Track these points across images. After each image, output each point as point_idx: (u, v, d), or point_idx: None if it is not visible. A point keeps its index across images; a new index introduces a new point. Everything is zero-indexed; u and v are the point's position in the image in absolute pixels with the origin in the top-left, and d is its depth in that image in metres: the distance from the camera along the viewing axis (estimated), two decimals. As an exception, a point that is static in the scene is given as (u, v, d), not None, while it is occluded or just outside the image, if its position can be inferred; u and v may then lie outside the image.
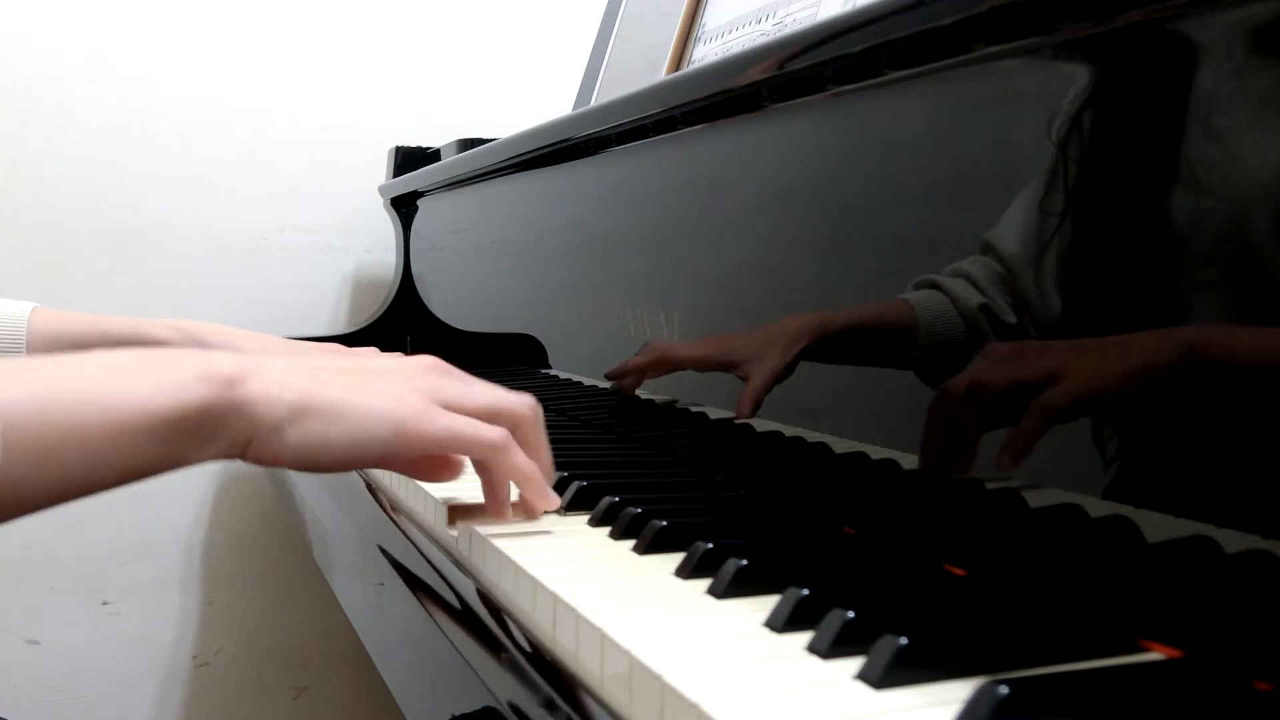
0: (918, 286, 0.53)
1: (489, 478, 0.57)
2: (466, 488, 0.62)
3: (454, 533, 0.61)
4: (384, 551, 0.69)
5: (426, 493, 0.66)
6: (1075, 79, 0.45)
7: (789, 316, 0.64)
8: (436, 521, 0.64)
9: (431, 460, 0.57)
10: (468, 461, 0.58)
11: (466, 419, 0.53)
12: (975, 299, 0.49)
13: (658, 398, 0.82)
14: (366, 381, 0.52)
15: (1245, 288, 0.38)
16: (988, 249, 0.49)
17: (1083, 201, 0.45)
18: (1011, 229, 0.48)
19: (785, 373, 0.63)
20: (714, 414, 0.74)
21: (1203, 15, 0.39)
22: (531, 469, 0.55)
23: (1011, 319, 0.48)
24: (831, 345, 0.61)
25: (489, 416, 0.55)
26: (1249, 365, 0.38)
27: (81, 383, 0.44)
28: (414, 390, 0.53)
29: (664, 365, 0.79)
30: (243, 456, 0.49)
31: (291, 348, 0.90)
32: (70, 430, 0.43)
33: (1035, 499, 0.46)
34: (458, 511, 0.62)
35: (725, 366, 0.69)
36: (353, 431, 0.50)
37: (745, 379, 0.66)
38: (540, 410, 0.58)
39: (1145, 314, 0.42)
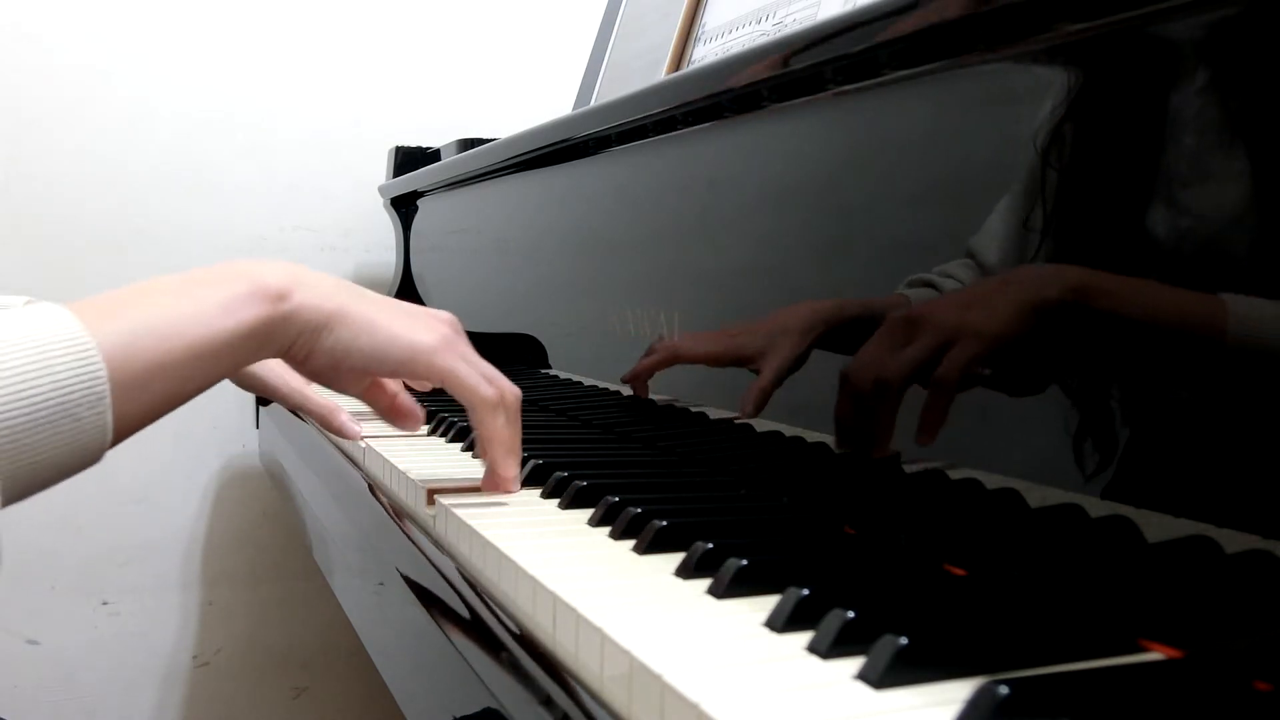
0: (910, 285, 0.54)
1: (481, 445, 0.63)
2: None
3: (454, 531, 0.61)
4: (382, 546, 0.69)
5: (416, 483, 0.66)
6: (1077, 79, 0.45)
7: (802, 304, 0.64)
8: (435, 521, 0.64)
9: (403, 406, 0.67)
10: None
11: (470, 372, 0.60)
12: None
13: (658, 398, 0.82)
14: (395, 311, 0.60)
15: (1234, 290, 0.38)
16: (970, 254, 0.50)
17: (1061, 207, 0.45)
18: (990, 236, 0.49)
19: (796, 364, 0.63)
20: (714, 414, 0.74)
21: (1205, 16, 0.39)
22: (505, 434, 0.61)
23: None
24: (839, 336, 0.61)
25: (486, 380, 0.61)
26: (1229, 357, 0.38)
27: (160, 316, 0.51)
28: (432, 330, 0.60)
29: (675, 363, 0.79)
30: (285, 356, 0.57)
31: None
32: (158, 361, 0.50)
33: (1035, 499, 0.46)
34: (441, 494, 0.64)
35: (737, 361, 0.70)
36: (377, 344, 0.58)
37: (756, 373, 0.66)
38: (519, 403, 0.63)
39: (1122, 321, 0.42)
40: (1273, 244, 0.37)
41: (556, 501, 0.64)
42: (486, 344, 1.23)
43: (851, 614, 0.38)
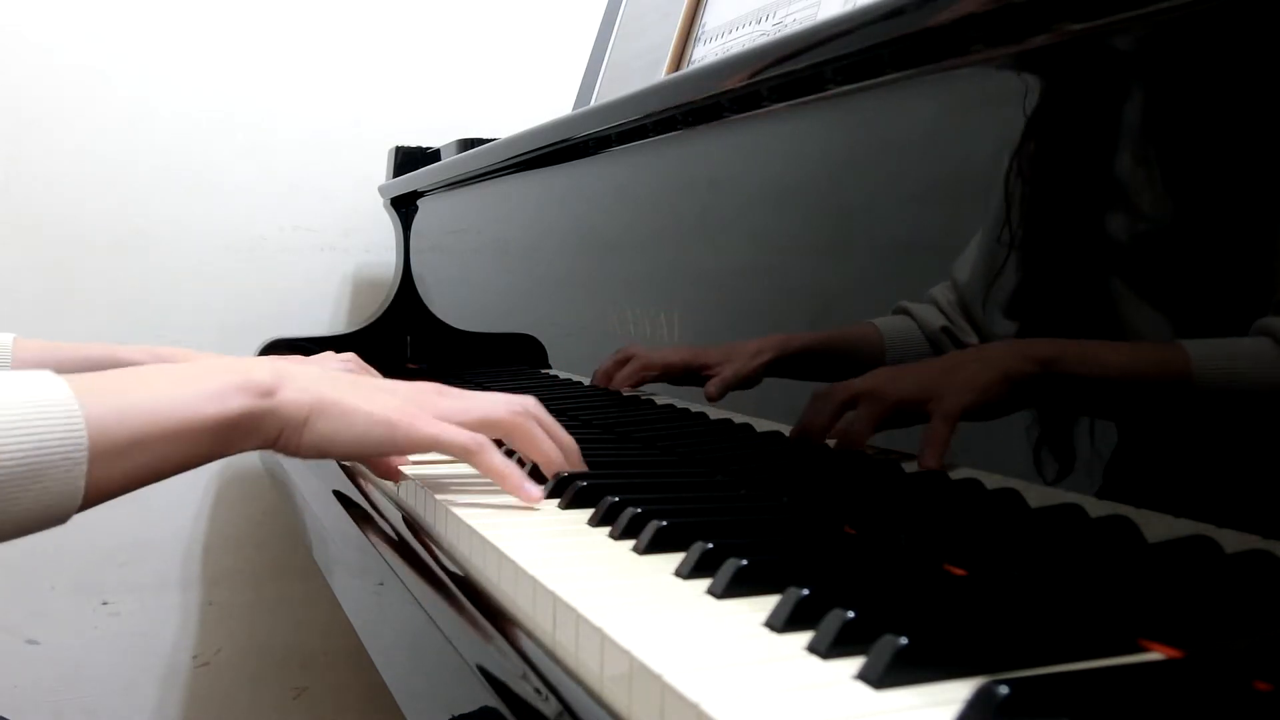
0: (895, 313, 0.55)
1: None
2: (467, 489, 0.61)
3: (454, 530, 0.61)
4: (381, 546, 0.69)
5: (414, 482, 0.66)
6: (1077, 79, 0.45)
7: (759, 340, 0.68)
8: (436, 521, 0.64)
9: (389, 465, 0.70)
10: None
11: (447, 427, 0.63)
12: (938, 321, 0.52)
13: (658, 398, 0.82)
14: (372, 393, 0.63)
15: (1234, 291, 0.38)
16: (950, 276, 0.51)
17: (1058, 210, 0.45)
18: (965, 257, 0.50)
19: (749, 379, 0.67)
20: (714, 414, 0.74)
21: (1207, 16, 0.39)
22: (507, 468, 0.63)
23: (973, 339, 0.50)
24: (800, 363, 0.63)
25: (479, 428, 0.64)
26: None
27: (150, 396, 0.54)
28: (410, 402, 0.64)
29: (645, 371, 0.81)
30: (273, 446, 0.60)
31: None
32: (141, 437, 0.53)
33: (1035, 499, 0.46)
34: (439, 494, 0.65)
35: (697, 369, 0.73)
36: (355, 430, 0.61)
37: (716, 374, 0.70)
38: (535, 412, 0.67)
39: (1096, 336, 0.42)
40: (1273, 246, 0.37)
41: (556, 501, 0.64)
42: (486, 344, 1.23)
43: (851, 614, 0.38)
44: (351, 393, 0.62)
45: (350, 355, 0.97)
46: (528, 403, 0.68)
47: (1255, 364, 0.37)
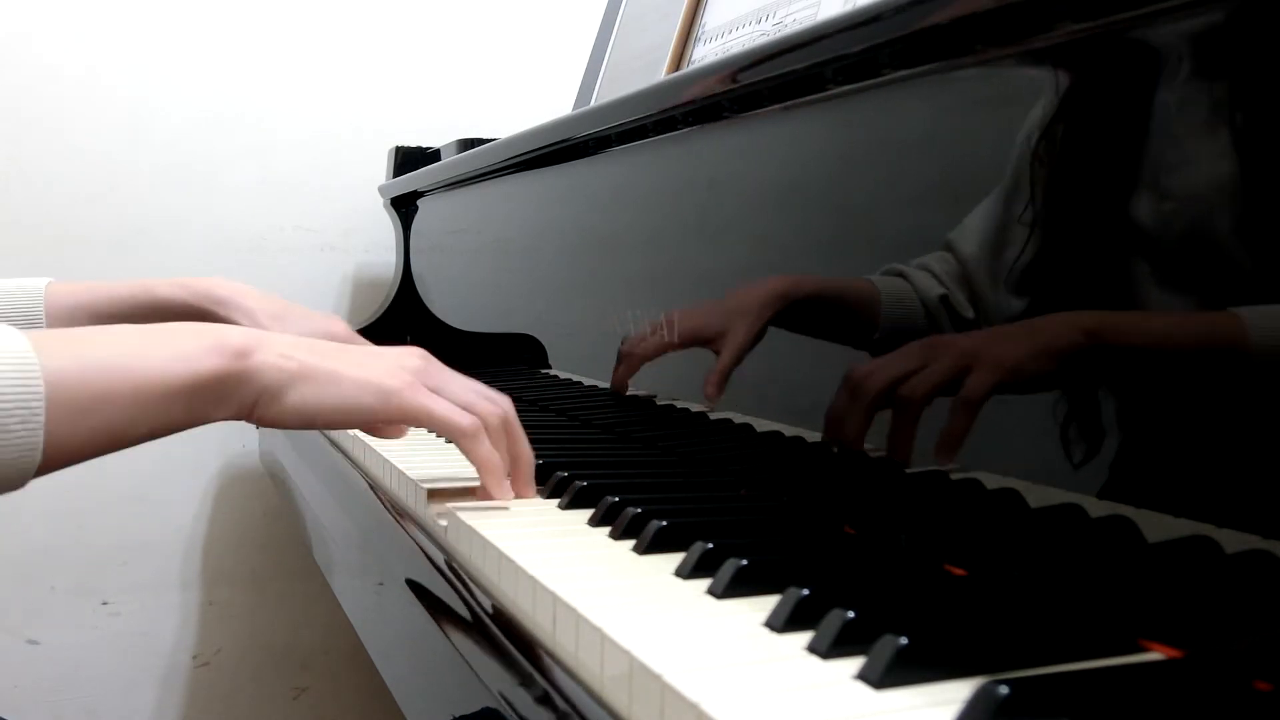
0: (884, 274, 0.54)
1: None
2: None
3: (454, 530, 0.61)
4: (381, 545, 0.69)
5: (415, 483, 0.66)
6: (1077, 78, 0.45)
7: (761, 280, 0.64)
8: (433, 517, 0.64)
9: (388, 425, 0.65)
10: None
11: (441, 401, 0.60)
12: (936, 290, 0.51)
13: (658, 398, 0.82)
14: (359, 359, 0.60)
15: (1235, 292, 0.38)
16: (948, 246, 0.50)
17: (1055, 205, 0.45)
18: (971, 230, 0.49)
19: (753, 342, 0.64)
20: (714, 414, 0.74)
21: (1208, 15, 0.39)
22: (493, 460, 0.61)
23: (970, 314, 0.49)
24: (798, 312, 0.61)
25: (462, 408, 0.61)
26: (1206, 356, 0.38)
27: (114, 353, 0.51)
28: (401, 369, 0.60)
29: (643, 361, 0.80)
30: (249, 417, 0.57)
31: (289, 308, 0.92)
32: (103, 393, 0.50)
33: (1035, 499, 0.46)
34: (440, 495, 0.65)
35: (697, 343, 0.70)
36: (344, 396, 0.58)
37: (717, 353, 0.67)
38: (509, 415, 0.63)
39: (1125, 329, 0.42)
40: (1273, 246, 0.37)
41: (556, 501, 0.64)
42: (486, 344, 1.23)
43: (851, 614, 0.38)
44: (337, 358, 0.59)
45: (422, 350, 0.89)
46: (505, 405, 0.64)
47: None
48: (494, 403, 0.63)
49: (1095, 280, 0.45)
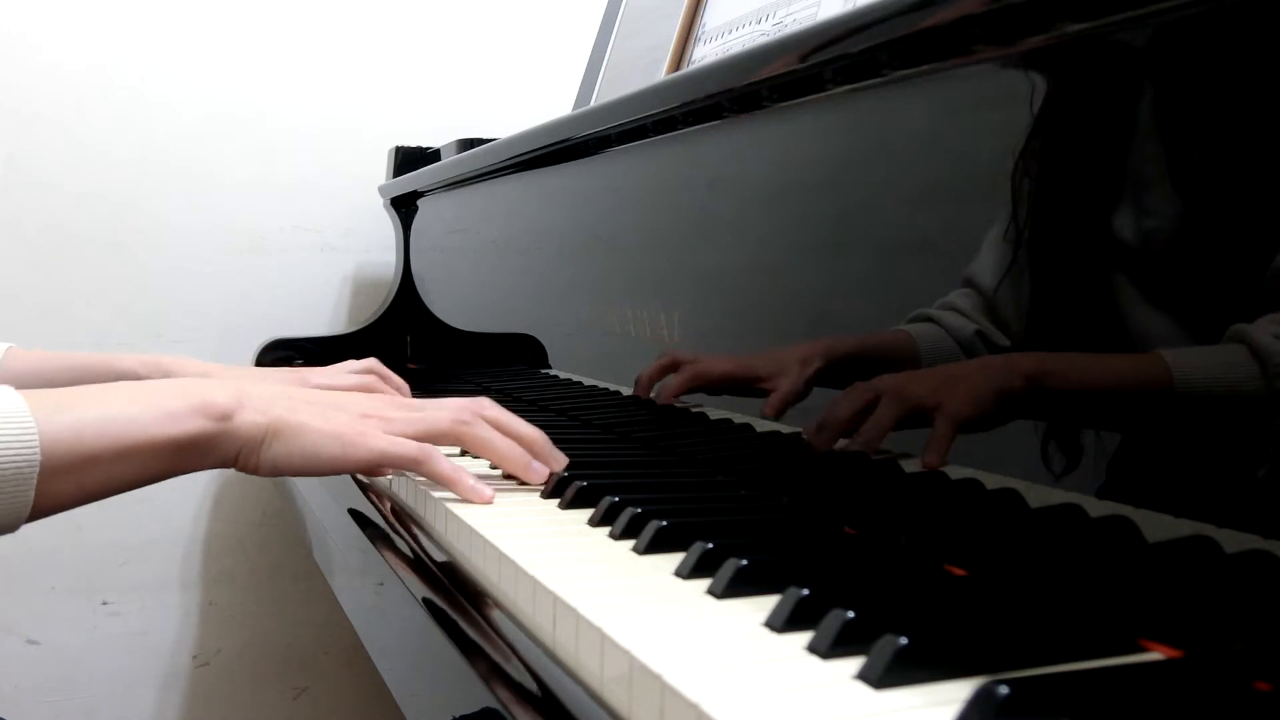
0: (911, 321, 0.54)
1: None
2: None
3: (454, 530, 0.61)
4: (381, 547, 0.69)
5: (418, 484, 0.66)
6: (1077, 78, 0.45)
7: (796, 345, 0.65)
8: (436, 521, 0.64)
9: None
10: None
11: (394, 440, 0.64)
12: (969, 327, 0.51)
13: (657, 398, 0.82)
14: (325, 410, 0.65)
15: (1236, 289, 0.38)
16: (968, 282, 0.51)
17: (1056, 213, 0.45)
18: (985, 262, 0.50)
19: (804, 391, 0.64)
20: (714, 414, 0.74)
21: (1206, 16, 0.39)
22: (455, 473, 0.64)
23: (1005, 342, 0.49)
24: (838, 371, 0.62)
25: (427, 438, 0.66)
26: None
27: (105, 414, 0.55)
28: (362, 418, 0.65)
29: (695, 381, 0.78)
30: (232, 466, 0.62)
31: (264, 377, 0.94)
32: (93, 454, 0.54)
33: (1035, 499, 0.46)
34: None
35: (747, 382, 0.70)
36: (307, 448, 0.62)
37: (770, 390, 0.66)
38: (485, 413, 0.67)
39: (1125, 331, 0.42)
40: (1275, 248, 0.37)
41: (556, 501, 0.64)
42: (486, 344, 1.23)
43: (851, 614, 0.38)
44: (306, 411, 0.63)
45: (371, 361, 0.96)
46: (477, 405, 0.68)
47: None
48: (461, 412, 0.67)
49: (1105, 282, 0.45)
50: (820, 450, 0.60)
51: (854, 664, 0.36)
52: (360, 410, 0.66)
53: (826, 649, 0.37)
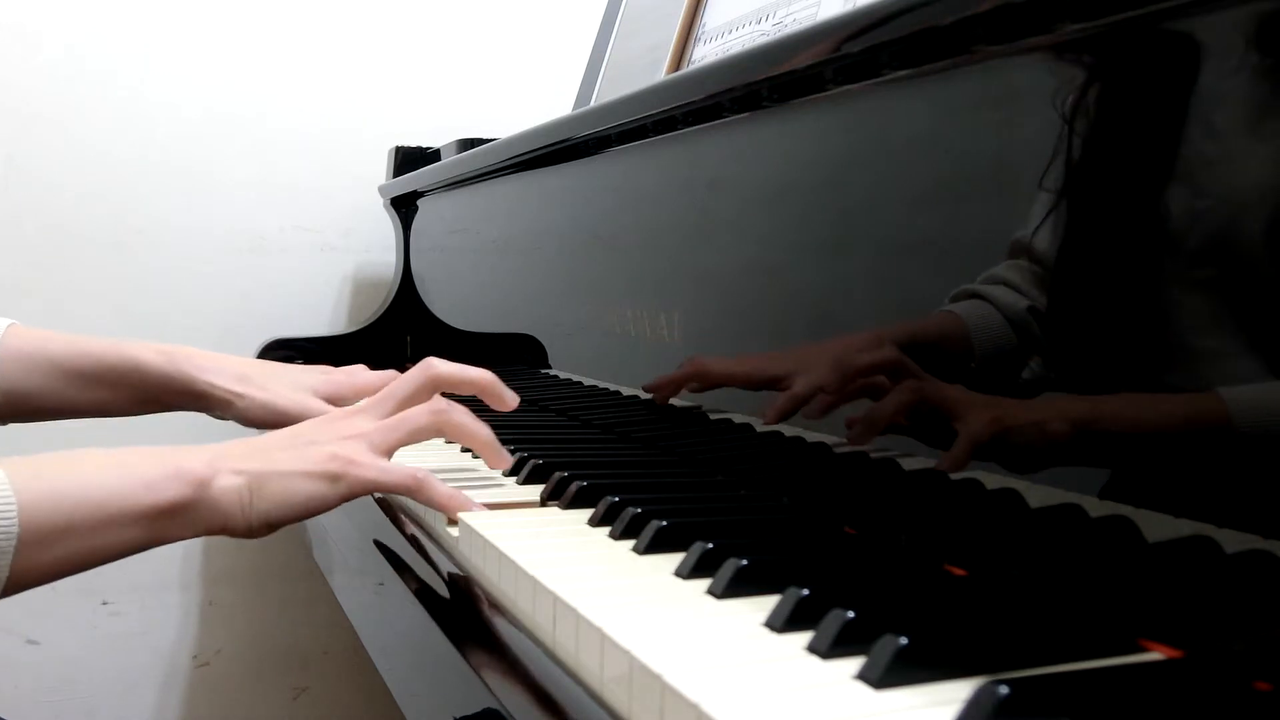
0: (955, 299, 0.52)
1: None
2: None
3: (454, 531, 0.61)
4: (381, 546, 0.69)
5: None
6: (1076, 78, 0.45)
7: (864, 342, 0.60)
8: (433, 516, 0.64)
9: None
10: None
11: (386, 468, 0.63)
12: (1021, 303, 0.48)
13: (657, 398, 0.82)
14: (304, 450, 0.63)
15: (1238, 287, 0.38)
16: (1019, 250, 0.48)
17: (1098, 198, 0.45)
18: (1042, 228, 0.48)
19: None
20: (714, 414, 0.74)
21: (1204, 14, 0.39)
22: (452, 495, 0.62)
23: (1056, 315, 0.47)
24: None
25: (412, 439, 0.65)
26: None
27: (82, 483, 0.55)
28: (341, 445, 0.63)
29: (709, 381, 0.77)
30: (222, 533, 0.60)
31: (268, 369, 0.92)
32: (72, 521, 0.54)
33: (1035, 499, 0.46)
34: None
35: (767, 383, 0.68)
36: (298, 494, 0.61)
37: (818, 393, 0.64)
38: (449, 418, 0.67)
39: (1169, 305, 0.42)
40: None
41: (557, 502, 0.64)
42: (486, 344, 1.23)
43: (851, 614, 0.38)
44: (282, 458, 0.62)
45: (391, 373, 0.94)
46: (433, 378, 0.69)
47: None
48: (435, 404, 0.67)
49: (1137, 271, 0.44)
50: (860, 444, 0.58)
51: (854, 664, 0.36)
52: (338, 435, 0.64)
53: (826, 649, 0.37)
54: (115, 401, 0.88)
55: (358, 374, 0.92)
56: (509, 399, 0.72)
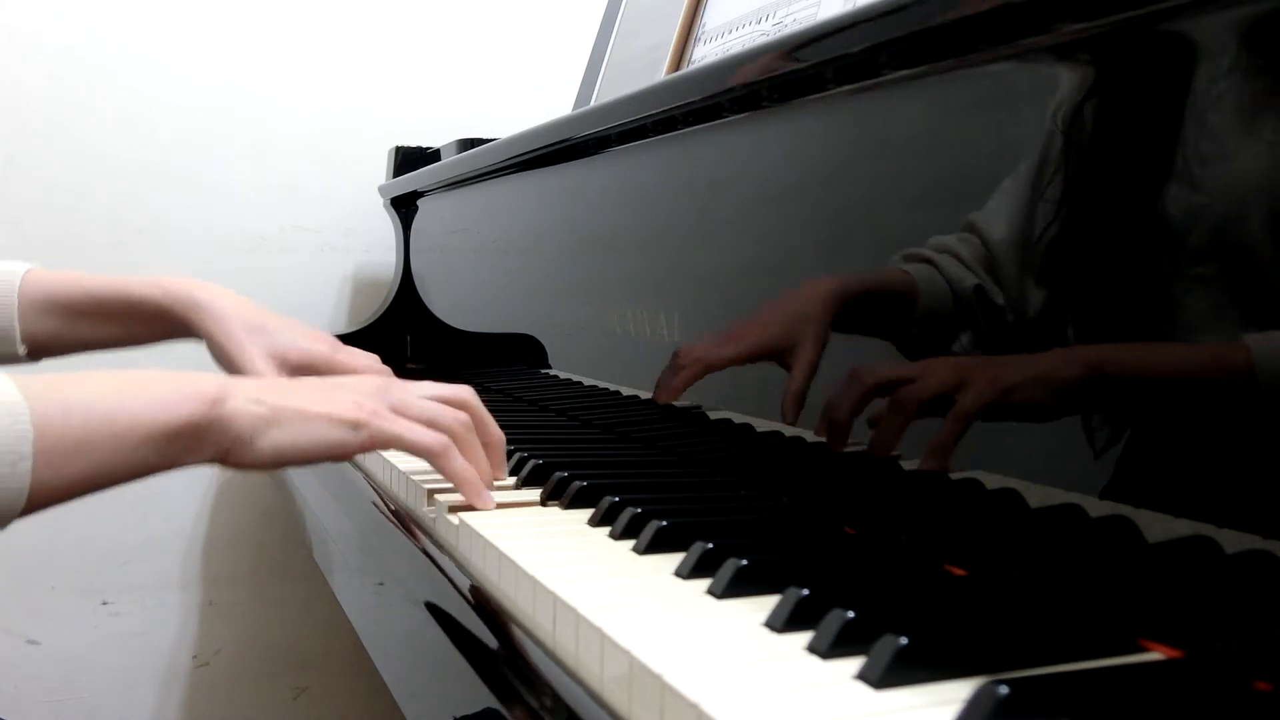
0: (907, 259, 0.53)
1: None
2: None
3: (453, 520, 0.61)
4: (381, 548, 0.69)
5: (415, 483, 0.66)
6: (1075, 78, 0.45)
7: (811, 285, 0.62)
8: (436, 521, 0.64)
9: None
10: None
11: (411, 425, 0.62)
12: (970, 280, 0.50)
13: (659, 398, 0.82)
14: (326, 393, 0.62)
15: (1237, 285, 0.38)
16: (972, 228, 0.49)
17: (1073, 197, 0.45)
18: (999, 214, 0.48)
19: (821, 352, 0.62)
20: (714, 414, 0.74)
21: (1200, 15, 0.39)
22: (468, 474, 0.62)
23: (1000, 300, 0.48)
24: (848, 313, 0.60)
25: (428, 425, 0.63)
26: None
27: (94, 399, 0.53)
28: (367, 397, 0.62)
29: (704, 370, 0.77)
30: (223, 462, 0.58)
31: (268, 318, 0.90)
32: (85, 439, 0.52)
33: (1035, 499, 0.46)
34: (441, 494, 0.64)
35: (765, 358, 0.68)
36: (316, 434, 0.59)
37: (787, 368, 0.65)
38: (476, 412, 0.66)
39: (1129, 308, 0.42)
40: (1276, 239, 0.37)
41: (557, 502, 0.64)
42: (486, 344, 1.23)
43: (851, 614, 0.38)
44: (303, 395, 0.60)
45: (381, 380, 0.91)
46: (466, 402, 0.66)
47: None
48: (458, 406, 0.65)
49: (1116, 273, 0.45)
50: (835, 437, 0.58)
51: (854, 664, 0.36)
52: (362, 391, 0.63)
53: (826, 649, 0.37)
54: (132, 335, 0.90)
55: (351, 360, 0.90)
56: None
